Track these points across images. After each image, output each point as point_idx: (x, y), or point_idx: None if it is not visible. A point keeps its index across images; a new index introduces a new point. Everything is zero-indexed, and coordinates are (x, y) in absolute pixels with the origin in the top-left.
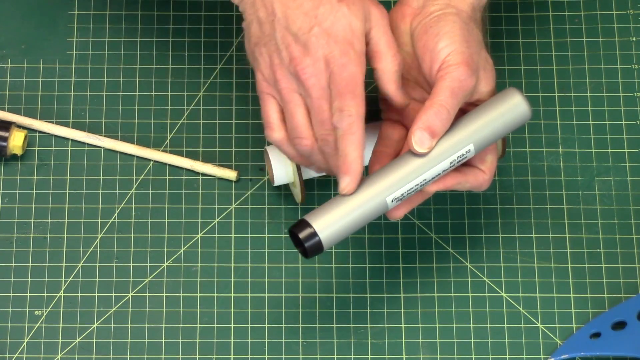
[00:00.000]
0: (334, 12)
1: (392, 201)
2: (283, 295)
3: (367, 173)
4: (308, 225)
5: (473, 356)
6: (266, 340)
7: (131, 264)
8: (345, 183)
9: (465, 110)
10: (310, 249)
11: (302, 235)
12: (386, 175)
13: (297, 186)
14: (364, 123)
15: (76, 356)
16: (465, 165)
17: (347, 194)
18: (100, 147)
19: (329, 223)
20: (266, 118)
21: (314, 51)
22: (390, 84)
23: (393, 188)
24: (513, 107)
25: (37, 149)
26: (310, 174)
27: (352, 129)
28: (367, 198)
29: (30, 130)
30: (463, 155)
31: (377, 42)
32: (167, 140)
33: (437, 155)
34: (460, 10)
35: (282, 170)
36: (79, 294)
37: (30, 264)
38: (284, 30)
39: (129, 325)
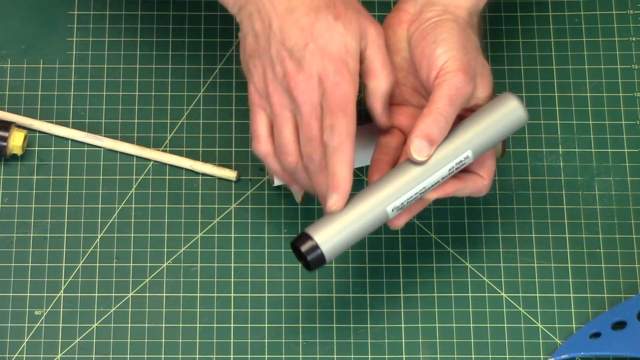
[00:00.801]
0: (330, 29)
1: (392, 210)
2: (283, 295)
3: (367, 182)
4: (309, 238)
5: (473, 356)
6: (266, 340)
7: (131, 264)
8: (334, 201)
9: (462, 116)
10: (313, 261)
11: (304, 248)
12: (386, 184)
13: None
14: (354, 142)
15: (76, 356)
16: (464, 171)
17: (335, 212)
18: (100, 147)
19: (330, 235)
20: (255, 130)
21: (307, 68)
22: (378, 103)
23: (393, 197)
24: (510, 112)
25: (37, 149)
26: None
27: (342, 147)
28: (368, 209)
29: (30, 130)
30: (462, 161)
31: (372, 60)
32: (167, 140)
33: (436, 163)
34: (458, 16)
35: None
36: (79, 294)
37: (30, 264)
38: (279, 44)
39: (129, 325)
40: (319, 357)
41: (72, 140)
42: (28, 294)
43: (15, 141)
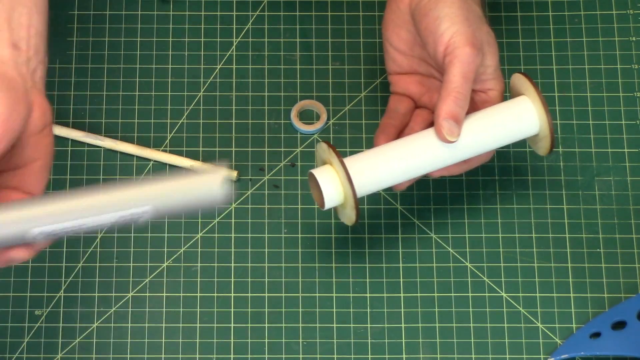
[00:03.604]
0: None
1: (38, 234)
2: (283, 295)
3: (373, 145)
4: None
5: (473, 356)
6: (266, 340)
7: (131, 264)
8: None
9: (476, 107)
10: None
11: None
12: (43, 206)
13: (347, 207)
14: None
15: (76, 356)
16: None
17: None
18: (100, 147)
19: None
20: None
21: None
22: None
23: (44, 222)
24: (205, 186)
25: None
26: (363, 190)
27: None
28: (13, 222)
29: None
30: (137, 213)
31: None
32: (167, 140)
33: (110, 205)
34: None
35: (332, 192)
36: (79, 294)
37: (30, 264)
38: None
39: (129, 325)
40: (319, 357)
41: (72, 140)
42: (28, 294)
43: None
